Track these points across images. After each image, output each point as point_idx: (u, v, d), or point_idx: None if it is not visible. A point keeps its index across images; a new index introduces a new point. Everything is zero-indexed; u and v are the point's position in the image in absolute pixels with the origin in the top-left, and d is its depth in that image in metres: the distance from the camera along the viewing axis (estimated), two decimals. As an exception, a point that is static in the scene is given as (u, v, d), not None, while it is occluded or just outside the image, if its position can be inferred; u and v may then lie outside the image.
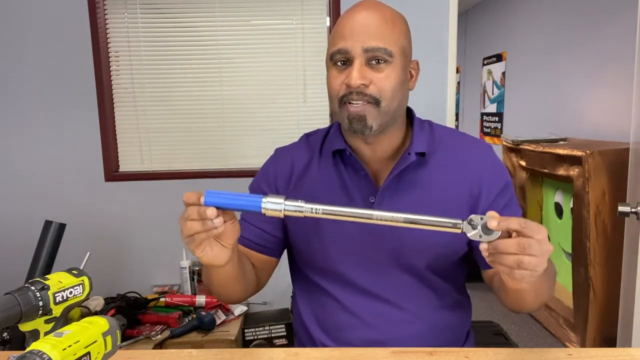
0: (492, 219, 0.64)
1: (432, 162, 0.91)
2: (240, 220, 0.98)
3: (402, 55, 0.86)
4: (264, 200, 0.68)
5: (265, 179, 1.00)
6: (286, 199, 0.68)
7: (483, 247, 0.66)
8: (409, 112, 0.97)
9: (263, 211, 0.68)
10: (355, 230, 0.91)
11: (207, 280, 0.89)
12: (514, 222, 0.64)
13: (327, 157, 0.95)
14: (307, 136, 1.04)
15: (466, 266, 0.98)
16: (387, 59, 0.83)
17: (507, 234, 0.65)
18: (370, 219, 0.68)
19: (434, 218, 0.67)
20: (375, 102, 0.84)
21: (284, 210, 0.68)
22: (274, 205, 0.68)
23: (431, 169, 0.91)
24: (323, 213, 0.68)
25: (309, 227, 0.94)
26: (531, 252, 0.62)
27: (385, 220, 0.67)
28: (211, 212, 0.67)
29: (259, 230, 0.96)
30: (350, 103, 0.84)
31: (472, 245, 0.92)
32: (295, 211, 0.68)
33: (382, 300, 0.92)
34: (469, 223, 0.65)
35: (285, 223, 0.98)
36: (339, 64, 0.86)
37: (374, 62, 0.83)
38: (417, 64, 0.93)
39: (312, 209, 0.68)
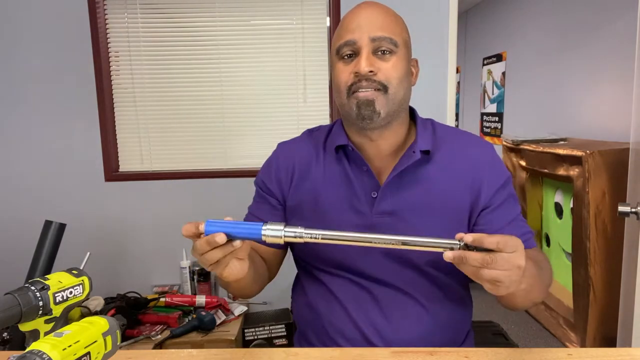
0: (469, 236, 0.65)
1: (434, 159, 0.93)
2: (247, 214, 1.01)
3: (405, 48, 0.89)
4: (263, 228, 0.69)
5: (268, 175, 1.01)
6: (286, 225, 0.69)
7: (447, 255, 0.66)
8: (411, 111, 0.99)
9: (264, 238, 0.69)
10: (355, 226, 0.92)
11: (225, 287, 0.91)
12: (491, 241, 0.63)
13: (330, 152, 0.97)
14: (310, 132, 1.05)
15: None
16: (393, 49, 0.86)
17: None
18: (370, 243, 0.69)
19: (432, 240, 0.68)
20: (384, 88, 0.86)
21: (284, 237, 0.69)
22: (273, 232, 0.69)
23: (433, 166, 0.92)
24: (322, 238, 0.69)
25: (310, 222, 0.95)
26: (495, 267, 0.63)
27: (385, 243, 0.69)
28: (220, 238, 0.68)
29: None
30: (358, 91, 0.86)
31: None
32: (294, 237, 0.69)
33: (384, 294, 0.92)
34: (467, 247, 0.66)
35: (287, 216, 0.99)
36: (345, 57, 0.88)
37: (379, 52, 0.86)
38: (416, 62, 0.96)
39: (311, 234, 0.69)
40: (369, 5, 0.89)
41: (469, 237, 0.65)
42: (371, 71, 0.84)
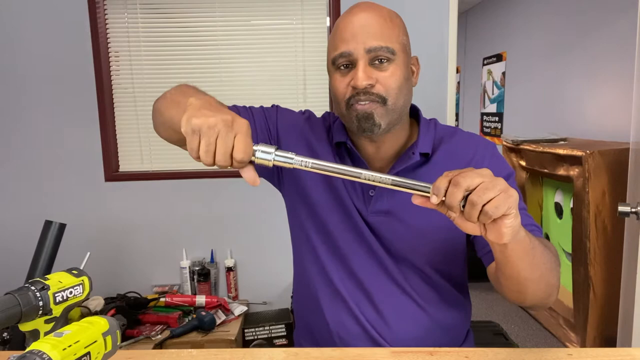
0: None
1: (433, 160, 0.92)
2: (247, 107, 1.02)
3: (403, 52, 0.87)
4: (254, 147, 0.66)
5: (285, 117, 1.02)
6: (277, 148, 0.66)
7: (433, 200, 0.63)
8: (415, 111, 0.97)
9: (252, 159, 0.66)
10: (352, 223, 0.92)
11: (159, 118, 0.88)
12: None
13: (333, 144, 0.97)
14: (327, 115, 1.04)
15: (466, 265, 0.98)
16: (390, 57, 0.83)
17: None
18: (359, 177, 0.67)
19: (421, 184, 0.65)
20: (382, 100, 0.84)
21: (274, 160, 0.66)
22: (264, 154, 0.66)
23: (431, 167, 0.91)
24: (312, 167, 0.67)
25: (319, 208, 0.95)
26: (461, 173, 0.61)
27: (373, 181, 0.66)
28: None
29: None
30: (356, 104, 0.84)
31: (474, 243, 0.92)
32: (284, 162, 0.67)
33: (380, 295, 0.92)
34: None
35: (293, 194, 0.99)
36: (342, 67, 0.86)
37: (377, 62, 0.83)
38: (417, 60, 0.94)
39: (301, 161, 0.67)
40: (363, 10, 0.85)
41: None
42: (369, 84, 0.82)
